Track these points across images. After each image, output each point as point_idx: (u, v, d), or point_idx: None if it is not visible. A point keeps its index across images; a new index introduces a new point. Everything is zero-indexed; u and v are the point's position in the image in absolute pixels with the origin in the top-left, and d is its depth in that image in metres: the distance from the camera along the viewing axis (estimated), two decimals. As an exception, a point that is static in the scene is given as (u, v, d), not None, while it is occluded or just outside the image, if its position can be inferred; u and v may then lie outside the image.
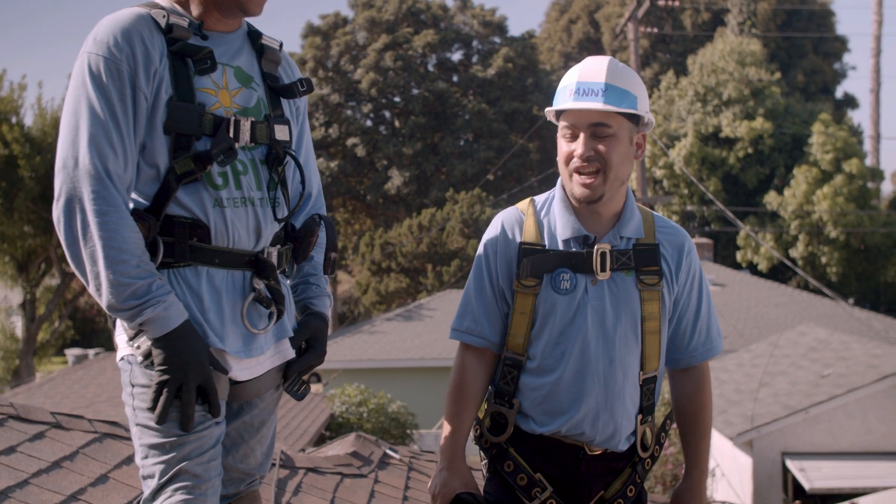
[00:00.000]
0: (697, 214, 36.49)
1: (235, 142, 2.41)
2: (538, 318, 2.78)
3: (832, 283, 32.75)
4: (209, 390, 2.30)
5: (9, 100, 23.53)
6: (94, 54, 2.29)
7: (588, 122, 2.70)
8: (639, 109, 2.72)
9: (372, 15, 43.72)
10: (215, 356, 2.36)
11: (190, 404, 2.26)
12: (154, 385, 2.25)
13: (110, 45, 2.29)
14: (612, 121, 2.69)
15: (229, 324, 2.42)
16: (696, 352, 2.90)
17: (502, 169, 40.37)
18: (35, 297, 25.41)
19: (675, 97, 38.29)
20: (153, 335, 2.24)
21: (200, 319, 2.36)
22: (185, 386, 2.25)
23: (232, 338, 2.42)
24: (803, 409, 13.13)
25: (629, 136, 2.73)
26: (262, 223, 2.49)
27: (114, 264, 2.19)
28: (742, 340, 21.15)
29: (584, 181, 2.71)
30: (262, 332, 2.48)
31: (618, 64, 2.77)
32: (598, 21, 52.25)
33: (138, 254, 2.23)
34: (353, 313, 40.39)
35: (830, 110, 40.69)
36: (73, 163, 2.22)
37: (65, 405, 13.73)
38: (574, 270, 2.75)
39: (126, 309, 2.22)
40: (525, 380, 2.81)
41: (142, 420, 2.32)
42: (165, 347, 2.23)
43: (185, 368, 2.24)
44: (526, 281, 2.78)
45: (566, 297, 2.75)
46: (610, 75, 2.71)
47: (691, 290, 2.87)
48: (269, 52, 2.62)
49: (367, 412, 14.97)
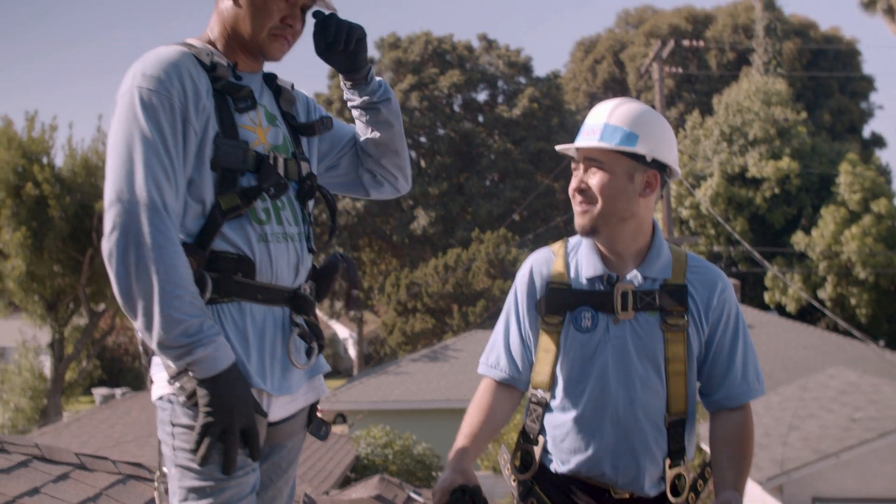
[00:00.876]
0: (724, 255, 36.29)
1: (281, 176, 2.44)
2: (561, 355, 2.80)
3: (862, 324, 32.38)
4: (252, 434, 2.27)
5: (40, 140, 23.83)
6: (146, 88, 2.29)
7: (583, 156, 2.79)
8: (637, 148, 2.73)
9: (398, 55, 44.10)
10: (255, 397, 2.35)
11: (234, 448, 2.23)
12: (198, 427, 2.22)
13: (162, 79, 2.30)
14: (603, 156, 2.75)
15: (269, 360, 2.42)
16: (731, 393, 2.81)
17: (528, 209, 40.41)
18: (63, 336, 25.54)
19: (701, 137, 38.25)
20: (200, 375, 2.20)
21: (244, 359, 2.34)
22: (230, 429, 2.22)
23: (272, 375, 2.42)
24: (834, 453, 12.94)
25: (627, 172, 2.75)
26: (300, 258, 2.51)
27: (168, 300, 2.16)
28: (770, 383, 20.90)
29: (578, 211, 2.80)
30: (305, 367, 2.50)
31: (629, 103, 2.81)
32: (622, 61, 52.45)
33: (192, 290, 2.21)
34: (379, 354, 40.32)
35: (858, 150, 40.47)
36: (128, 195, 2.20)
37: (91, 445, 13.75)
38: (596, 309, 2.77)
39: (177, 347, 2.18)
40: (549, 417, 2.84)
41: (182, 461, 2.29)
42: (212, 389, 2.20)
43: (231, 411, 2.21)
44: (549, 319, 2.82)
45: (587, 335, 2.77)
46: (611, 115, 2.77)
47: (725, 331, 2.81)
48: (284, 93, 2.67)
49: (393, 454, 14.93)
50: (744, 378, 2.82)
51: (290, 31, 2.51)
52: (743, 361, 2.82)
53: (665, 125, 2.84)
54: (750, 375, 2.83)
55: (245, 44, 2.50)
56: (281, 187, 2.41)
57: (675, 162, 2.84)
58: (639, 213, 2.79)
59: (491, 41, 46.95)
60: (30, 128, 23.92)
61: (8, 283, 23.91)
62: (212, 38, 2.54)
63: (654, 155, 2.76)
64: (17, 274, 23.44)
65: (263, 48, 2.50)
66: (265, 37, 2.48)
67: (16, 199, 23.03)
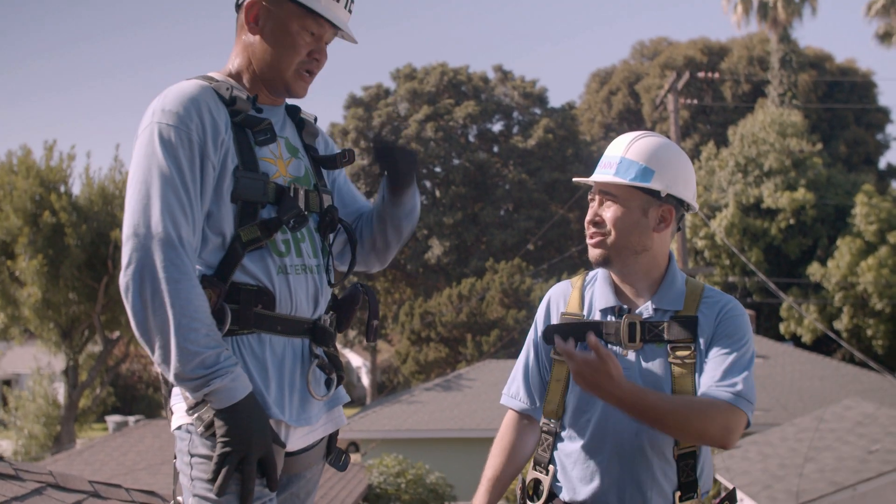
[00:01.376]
0: (739, 286, 36.14)
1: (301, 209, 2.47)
2: (570, 385, 2.82)
3: (878, 356, 32.15)
4: (269, 465, 2.29)
5: (58, 169, 24.01)
6: (165, 124, 2.33)
7: (599, 189, 2.83)
8: (652, 184, 2.74)
9: (413, 86, 44.31)
10: (273, 428, 2.36)
11: (251, 478, 2.24)
12: (216, 457, 2.23)
13: (180, 114, 2.34)
14: (618, 190, 2.78)
15: (288, 391, 2.44)
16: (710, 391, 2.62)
17: (542, 239, 40.41)
18: (78, 363, 25.60)
19: (716, 168, 38.21)
20: (218, 406, 2.22)
21: (262, 390, 2.36)
22: (247, 459, 2.23)
23: (291, 406, 2.44)
24: (851, 485, 12.81)
25: (641, 207, 2.77)
26: (319, 290, 2.53)
27: (184, 332, 2.18)
28: (786, 414, 20.77)
29: (591, 243, 2.83)
30: (324, 399, 2.52)
31: (648, 137, 2.82)
32: (637, 92, 52.52)
33: (208, 323, 2.23)
34: (393, 383, 40.24)
35: (874, 181, 40.34)
36: (145, 230, 2.23)
37: (104, 472, 13.75)
38: (605, 340, 2.77)
39: (194, 378, 2.21)
40: (559, 447, 2.85)
41: (200, 491, 2.31)
42: (229, 420, 2.22)
43: (249, 441, 2.22)
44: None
45: None
46: (628, 149, 2.80)
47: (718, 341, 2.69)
48: (308, 126, 2.70)
49: (406, 483, 14.88)
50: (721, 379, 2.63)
51: (316, 66, 2.55)
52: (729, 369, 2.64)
53: (683, 159, 2.83)
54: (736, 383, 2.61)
55: (269, 80, 2.54)
56: (301, 219, 2.44)
57: (692, 197, 2.84)
58: (652, 247, 2.80)
59: (506, 72, 47.15)
60: (48, 157, 24.12)
61: (24, 311, 24.02)
62: (233, 71, 2.57)
63: (670, 191, 2.77)
64: (32, 301, 23.55)
65: (289, 85, 2.54)
66: (292, 73, 2.51)
67: (33, 227, 23.18)
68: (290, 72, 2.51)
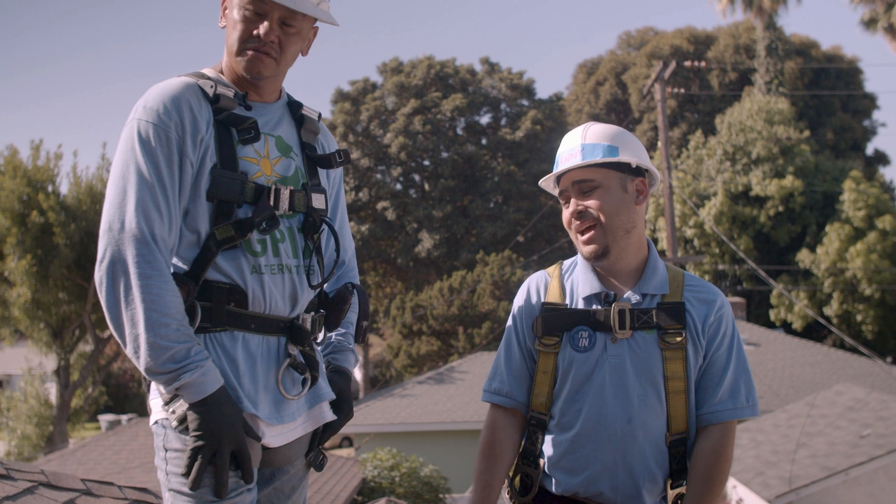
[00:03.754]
0: (729, 273, 36.24)
1: (276, 210, 2.45)
2: (559, 376, 2.80)
3: (868, 341, 32.29)
4: (243, 457, 2.30)
5: (45, 169, 23.90)
6: (145, 121, 2.34)
7: (572, 182, 2.80)
8: (621, 157, 2.76)
9: (401, 80, 44.26)
10: (248, 422, 2.37)
11: (224, 471, 2.26)
12: (188, 450, 2.25)
13: (160, 112, 2.34)
14: (594, 174, 2.77)
15: (263, 390, 2.44)
16: (716, 409, 2.75)
17: (532, 230, 40.43)
18: (69, 363, 25.52)
19: (704, 156, 38.29)
20: (189, 400, 2.24)
21: (235, 385, 2.37)
22: (220, 452, 2.25)
23: (265, 404, 2.44)
24: (843, 470, 12.87)
25: (619, 184, 2.78)
26: (298, 290, 2.52)
27: (154, 327, 2.20)
28: (777, 400, 20.85)
29: (585, 238, 2.78)
30: (295, 399, 2.50)
31: (597, 123, 2.85)
32: (625, 82, 52.55)
33: (179, 318, 2.25)
34: (385, 377, 40.27)
35: (861, 167, 40.49)
36: (119, 226, 2.25)
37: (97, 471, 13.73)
38: (593, 328, 2.76)
39: (164, 373, 2.23)
40: (547, 438, 2.83)
41: (175, 485, 2.32)
42: (201, 413, 2.24)
43: (220, 434, 2.24)
44: (546, 340, 2.81)
45: (584, 354, 2.75)
46: (585, 135, 2.81)
47: (719, 348, 2.78)
48: (308, 123, 2.68)
49: (400, 476, 14.87)
50: (731, 397, 2.77)
51: (266, 45, 2.47)
52: (733, 380, 2.78)
53: (633, 137, 2.86)
54: (740, 396, 2.78)
55: (233, 68, 2.52)
56: (272, 222, 2.42)
57: (654, 168, 2.85)
58: (638, 223, 2.81)
59: (493, 64, 47.12)
60: (35, 156, 24.00)
61: (13, 311, 23.93)
62: (224, 67, 2.57)
63: (638, 162, 2.78)
64: (22, 301, 23.47)
65: (242, 66, 2.49)
66: (239, 52, 2.48)
67: (21, 227, 23.08)
68: (235, 51, 2.48)
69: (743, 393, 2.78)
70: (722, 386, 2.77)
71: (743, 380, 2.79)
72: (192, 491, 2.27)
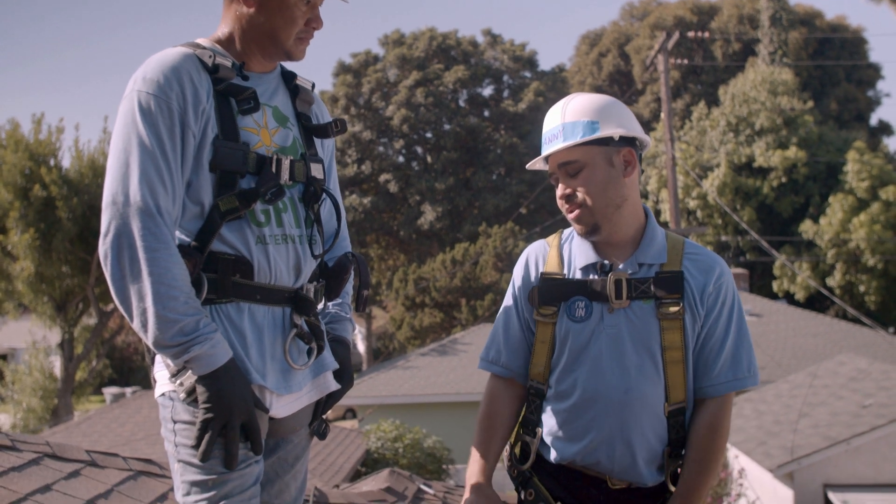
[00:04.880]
0: (732, 245, 36.23)
1: (278, 180, 2.44)
2: (556, 346, 2.79)
3: (871, 311, 32.33)
4: (252, 428, 2.30)
5: (47, 143, 23.87)
6: (145, 92, 2.31)
7: (557, 164, 2.76)
8: (602, 132, 2.71)
9: (402, 52, 44.08)
10: (256, 393, 2.37)
11: (234, 443, 2.26)
12: (198, 423, 2.25)
13: (161, 83, 2.32)
14: (577, 155, 2.72)
15: (270, 360, 2.44)
16: (716, 382, 2.74)
17: (535, 202, 40.37)
18: (73, 336, 25.61)
19: (708, 128, 38.19)
20: (199, 372, 2.23)
21: (242, 356, 2.36)
22: (230, 424, 2.24)
23: (272, 374, 2.44)
24: (845, 440, 12.92)
25: (605, 159, 2.73)
26: (301, 260, 2.52)
27: (162, 300, 2.19)
28: (780, 371, 20.91)
29: (573, 217, 2.76)
30: (302, 368, 2.50)
31: (575, 97, 2.80)
32: (628, 54, 52.34)
33: (186, 290, 2.24)
34: (388, 349, 40.39)
35: (865, 138, 40.37)
36: (123, 198, 2.23)
37: (102, 444, 13.80)
38: (590, 298, 2.74)
39: (173, 346, 2.22)
40: (546, 408, 2.83)
41: (184, 457, 2.32)
42: (210, 385, 2.23)
43: (230, 406, 2.24)
44: (544, 310, 2.80)
45: (580, 324, 2.74)
46: (563, 114, 2.76)
47: (719, 317, 2.74)
48: (303, 93, 2.67)
49: (403, 448, 14.94)
50: (732, 368, 2.75)
51: (314, 31, 2.54)
52: (734, 350, 2.75)
53: (618, 103, 2.81)
54: (741, 366, 2.76)
55: (268, 48, 2.51)
56: (278, 192, 2.42)
57: (641, 132, 2.81)
58: (629, 194, 2.77)
59: (496, 36, 46.90)
60: (37, 130, 23.97)
61: (17, 285, 23.99)
62: (222, 37, 2.54)
63: (621, 132, 2.73)
64: (25, 275, 23.52)
65: (290, 53, 2.51)
66: (292, 42, 2.49)
67: (23, 201, 23.09)
68: (290, 42, 2.49)
69: (744, 362, 2.76)
70: (722, 356, 2.75)
71: (744, 349, 2.77)
72: (202, 462, 2.28)
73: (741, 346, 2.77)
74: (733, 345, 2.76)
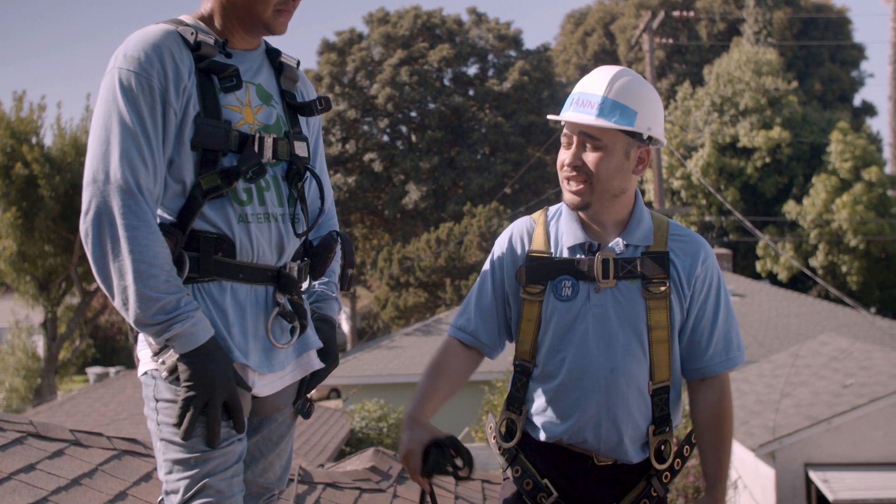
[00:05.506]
0: (716, 225, 36.35)
1: (260, 158, 2.43)
2: (542, 324, 2.79)
3: (853, 292, 32.53)
4: (234, 406, 2.31)
5: (29, 120, 23.70)
6: (126, 69, 2.30)
7: (578, 131, 2.72)
8: (636, 126, 2.69)
9: (387, 30, 43.89)
10: (239, 372, 2.37)
11: (216, 421, 2.26)
12: (180, 401, 2.25)
13: (141, 60, 2.30)
14: (603, 134, 2.69)
15: (252, 339, 2.44)
16: (713, 362, 2.80)
17: (519, 182, 40.39)
18: (56, 315, 25.53)
19: (692, 108, 38.24)
20: (180, 351, 2.23)
21: (225, 335, 2.36)
22: (212, 402, 2.25)
23: (255, 353, 2.44)
24: (826, 419, 13.03)
25: (624, 150, 2.72)
26: (284, 238, 2.51)
27: (143, 278, 2.19)
28: (763, 351, 21.03)
29: (572, 188, 2.74)
30: (285, 347, 2.50)
31: (626, 76, 2.75)
32: (613, 33, 52.30)
33: (167, 269, 2.23)
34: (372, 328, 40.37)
35: (849, 118, 40.51)
36: (103, 176, 2.22)
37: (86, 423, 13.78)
38: (576, 278, 2.75)
39: (154, 324, 2.22)
40: (532, 386, 2.84)
41: (167, 435, 2.32)
42: (192, 363, 2.23)
43: (212, 385, 2.24)
44: (530, 288, 2.80)
45: (567, 303, 2.75)
46: (610, 88, 2.71)
47: (707, 299, 2.79)
48: (287, 70, 2.65)
49: (387, 427, 14.99)
50: (724, 348, 2.81)
51: (294, 4, 2.50)
52: (724, 330, 2.81)
53: (657, 98, 2.80)
54: (732, 345, 2.82)
55: (247, 21, 2.48)
56: (259, 170, 2.41)
57: (663, 135, 2.82)
58: (629, 187, 2.79)
59: (480, 15, 46.73)
60: (18, 108, 23.78)
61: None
62: (204, 14, 2.52)
63: (651, 132, 2.73)
64: (8, 254, 23.42)
65: (270, 25, 2.49)
66: (271, 14, 2.46)
67: (5, 179, 22.95)
68: (268, 13, 2.46)
69: (734, 341, 2.83)
70: (714, 337, 2.80)
71: (732, 329, 2.84)
72: (185, 441, 2.28)
73: (730, 326, 2.83)
74: (724, 324, 2.82)
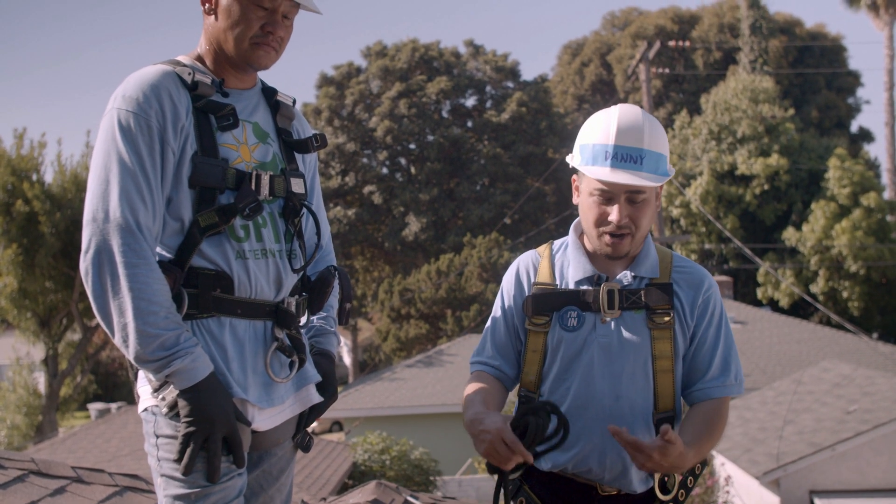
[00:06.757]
0: (716, 252, 36.34)
1: (257, 195, 2.45)
2: (548, 355, 2.82)
3: (854, 317, 32.45)
4: (234, 441, 2.32)
5: (29, 157, 23.75)
6: (125, 110, 2.33)
7: (625, 189, 2.71)
8: (670, 172, 2.76)
9: (385, 63, 44.12)
10: (238, 407, 2.39)
11: (216, 456, 2.28)
12: (180, 436, 2.26)
13: (140, 101, 2.34)
14: (646, 187, 2.72)
15: (251, 374, 2.45)
16: (709, 385, 2.79)
17: (519, 212, 40.45)
18: (57, 352, 25.44)
19: (690, 136, 38.32)
20: (180, 386, 2.25)
21: (224, 370, 2.38)
22: (212, 437, 2.26)
23: (254, 387, 2.45)
24: (829, 446, 12.97)
25: (656, 193, 2.79)
26: (282, 274, 2.53)
27: (143, 315, 2.21)
28: (765, 378, 20.97)
29: (616, 243, 2.75)
30: (284, 381, 2.52)
31: (647, 120, 2.76)
32: (609, 63, 52.50)
33: (167, 305, 2.26)
34: (374, 361, 40.29)
35: (846, 145, 40.60)
36: (103, 215, 2.25)
37: (88, 460, 13.72)
38: (582, 308, 2.78)
39: (154, 360, 2.24)
40: None
41: (167, 471, 2.33)
42: (192, 399, 2.25)
43: (212, 420, 2.26)
44: (536, 319, 2.83)
45: (573, 333, 2.78)
46: (647, 139, 2.72)
47: (708, 327, 2.81)
48: (283, 109, 2.68)
49: (390, 460, 14.92)
50: (721, 376, 2.81)
51: (273, 39, 2.50)
52: (723, 359, 2.82)
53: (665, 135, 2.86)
54: (729, 375, 2.82)
55: (230, 58, 2.52)
56: (256, 207, 2.43)
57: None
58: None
59: (478, 47, 47.01)
60: (19, 145, 23.83)
61: (0, 301, 23.84)
62: (201, 54, 2.56)
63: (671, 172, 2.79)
64: (9, 291, 23.37)
65: (248, 58, 2.51)
66: (247, 47, 2.48)
67: (6, 216, 22.96)
68: (244, 46, 2.48)
69: (732, 371, 2.83)
70: (713, 364, 2.81)
71: (732, 358, 2.84)
72: (185, 476, 2.29)
73: (730, 355, 2.84)
74: (723, 353, 2.83)
